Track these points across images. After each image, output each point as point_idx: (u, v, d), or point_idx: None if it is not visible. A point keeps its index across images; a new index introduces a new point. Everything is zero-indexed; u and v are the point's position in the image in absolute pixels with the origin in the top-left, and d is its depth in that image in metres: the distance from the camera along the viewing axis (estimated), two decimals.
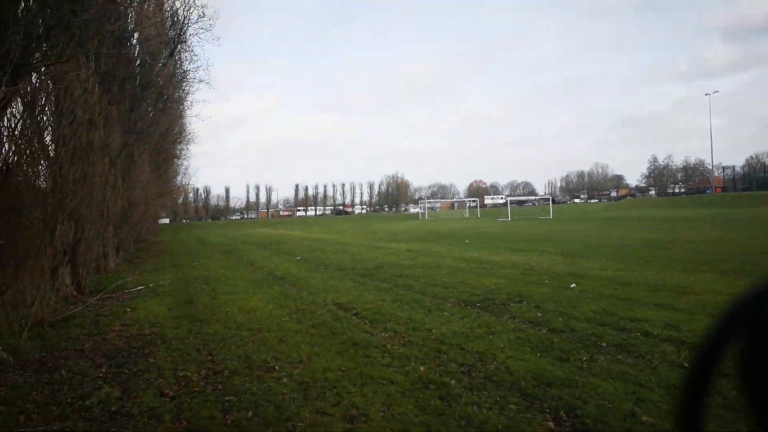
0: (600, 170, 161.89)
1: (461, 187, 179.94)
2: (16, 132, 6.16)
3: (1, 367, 6.00)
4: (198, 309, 9.74)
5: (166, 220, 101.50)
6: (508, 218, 56.65)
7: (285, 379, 5.49)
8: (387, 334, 7.36)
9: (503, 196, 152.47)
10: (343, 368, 5.82)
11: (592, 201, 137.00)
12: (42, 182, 11.03)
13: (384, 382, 5.33)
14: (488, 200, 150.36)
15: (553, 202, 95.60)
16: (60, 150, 11.76)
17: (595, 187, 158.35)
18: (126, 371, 5.97)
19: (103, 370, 6.01)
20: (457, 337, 7.02)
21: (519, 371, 5.55)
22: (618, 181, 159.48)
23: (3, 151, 6.04)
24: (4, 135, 6.16)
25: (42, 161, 11.08)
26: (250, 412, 4.58)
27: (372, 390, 5.13)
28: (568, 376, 5.34)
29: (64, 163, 11.51)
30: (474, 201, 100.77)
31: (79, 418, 4.57)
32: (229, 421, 4.41)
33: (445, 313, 8.57)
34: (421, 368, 5.75)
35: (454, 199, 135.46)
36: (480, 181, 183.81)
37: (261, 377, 5.58)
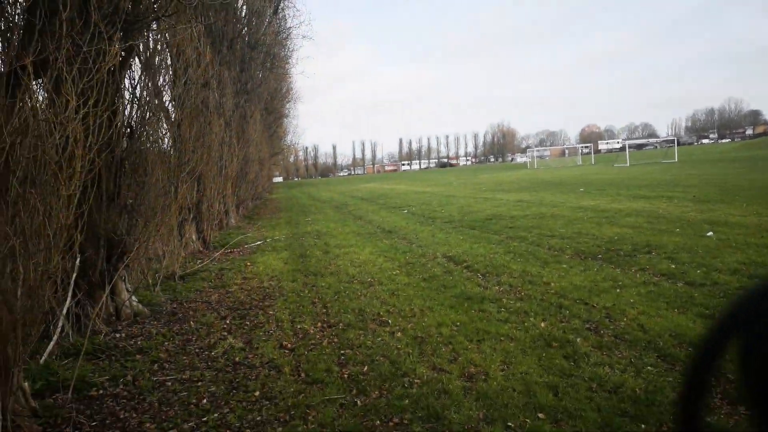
0: (733, 106, 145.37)
1: (572, 132, 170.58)
2: (136, 93, 6.40)
3: (139, 318, 6.47)
4: (312, 262, 9.98)
5: (280, 179, 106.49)
6: (626, 163, 52.77)
7: (399, 334, 5.38)
8: (501, 288, 7.03)
9: (619, 140, 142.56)
10: (458, 323, 5.61)
11: (724, 141, 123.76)
12: (163, 143, 11.74)
13: (502, 339, 5.04)
14: (602, 145, 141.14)
15: (678, 143, 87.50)
16: (178, 110, 12.43)
17: (726, 125, 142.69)
18: (248, 323, 6.20)
19: (228, 322, 6.28)
20: (579, 291, 6.53)
21: (654, 329, 5.00)
22: (754, 117, 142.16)
23: (126, 112, 6.32)
24: (126, 97, 6.44)
25: (163, 122, 11.77)
26: (366, 367, 4.52)
27: (490, 346, 4.87)
28: None
29: (182, 123, 12.16)
30: (587, 147, 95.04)
31: (206, 368, 4.77)
32: (345, 375, 4.38)
33: (564, 266, 8.04)
34: (542, 324, 5.38)
35: (565, 146, 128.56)
36: (593, 125, 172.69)
37: (375, 331, 5.52)
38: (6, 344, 3.34)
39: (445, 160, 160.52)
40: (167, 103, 10.01)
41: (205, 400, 4.05)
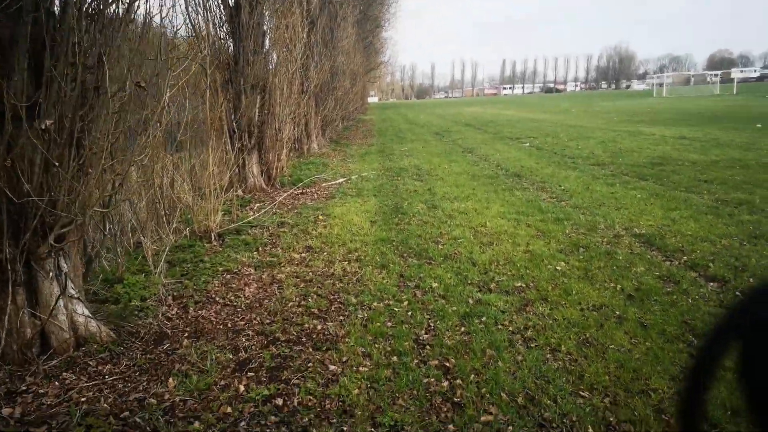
0: None
1: (699, 58, 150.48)
2: None
3: (86, 348, 3.34)
4: (412, 227, 6.48)
5: (375, 99, 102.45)
6: None
7: None
8: None
9: (756, 69, 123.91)
10: None
11: None
12: (213, 32, 8.36)
13: None
14: (735, 73, 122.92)
15: None
16: None
17: None
18: (282, 390, 2.87)
19: (243, 383, 2.98)
20: None
21: None
22: None
23: None
24: None
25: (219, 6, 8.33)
26: None
27: None
28: None
29: (242, 9, 8.69)
30: (716, 74, 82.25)
31: None
32: None
33: None
34: None
35: (691, 72, 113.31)
36: (725, 50, 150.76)
37: None
38: None
39: (552, 84, 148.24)
40: None
41: None
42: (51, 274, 3.24)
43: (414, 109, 51.46)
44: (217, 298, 4.36)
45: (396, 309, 4.01)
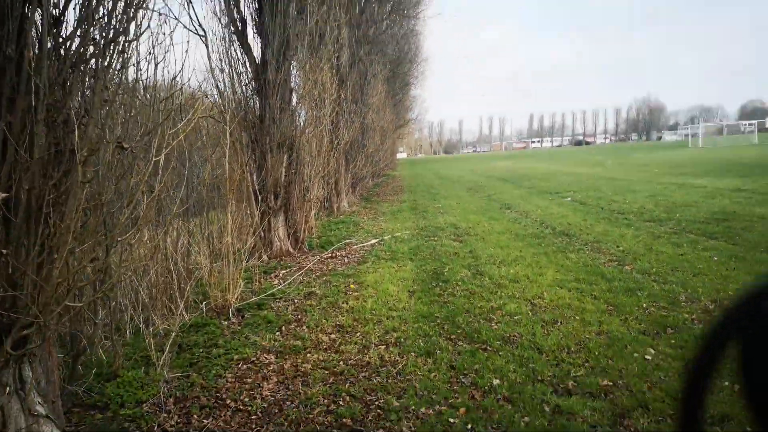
0: None
1: (730, 109, 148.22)
2: None
3: None
4: (457, 299, 5.62)
5: (404, 155, 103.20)
6: None
7: None
8: None
9: None
10: None
11: None
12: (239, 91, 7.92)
13: None
14: None
15: None
16: (266, 50, 8.54)
17: None
18: None
19: None
20: None
21: None
22: None
23: None
24: None
25: (240, 57, 7.91)
26: None
27: None
28: None
29: (269, 66, 8.26)
30: (751, 124, 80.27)
31: None
32: None
33: None
34: None
35: (724, 123, 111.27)
36: (757, 100, 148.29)
37: None
38: None
39: (581, 137, 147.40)
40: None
41: None
42: (9, 388, 2.50)
43: (443, 164, 51.15)
44: (228, 400, 3.55)
45: (451, 419, 3.13)
